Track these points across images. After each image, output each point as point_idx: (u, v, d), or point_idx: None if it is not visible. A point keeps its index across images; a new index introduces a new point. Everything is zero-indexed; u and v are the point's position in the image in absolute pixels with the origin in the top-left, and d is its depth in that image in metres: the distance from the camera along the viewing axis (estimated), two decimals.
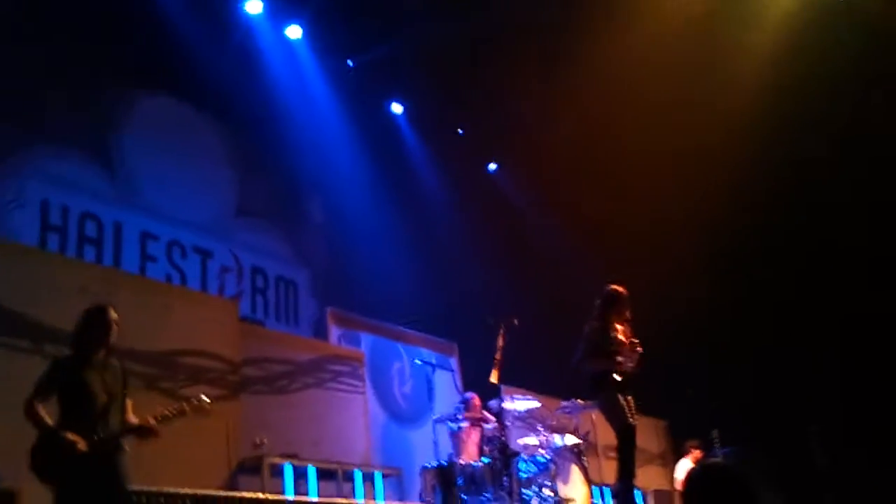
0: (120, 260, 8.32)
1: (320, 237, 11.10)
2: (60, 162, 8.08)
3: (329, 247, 11.01)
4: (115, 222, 8.43)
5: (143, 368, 6.17)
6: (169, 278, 8.84)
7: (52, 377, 4.86)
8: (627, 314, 7.11)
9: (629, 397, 6.86)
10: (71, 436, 4.63)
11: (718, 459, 8.93)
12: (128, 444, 4.79)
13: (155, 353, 6.37)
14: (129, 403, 5.02)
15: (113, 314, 5.05)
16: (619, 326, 7.00)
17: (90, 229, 8.18)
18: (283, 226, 10.69)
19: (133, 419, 4.94)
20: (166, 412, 4.97)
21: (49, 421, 4.69)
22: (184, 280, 9.01)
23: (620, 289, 7.19)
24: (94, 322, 5.04)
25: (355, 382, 8.61)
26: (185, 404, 5.07)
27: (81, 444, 4.63)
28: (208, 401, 5.08)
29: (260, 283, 10.13)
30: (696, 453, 10.53)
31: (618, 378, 6.83)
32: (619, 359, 6.86)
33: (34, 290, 5.93)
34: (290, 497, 4.81)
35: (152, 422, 4.91)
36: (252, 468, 6.64)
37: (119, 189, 8.63)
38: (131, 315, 6.18)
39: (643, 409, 7.08)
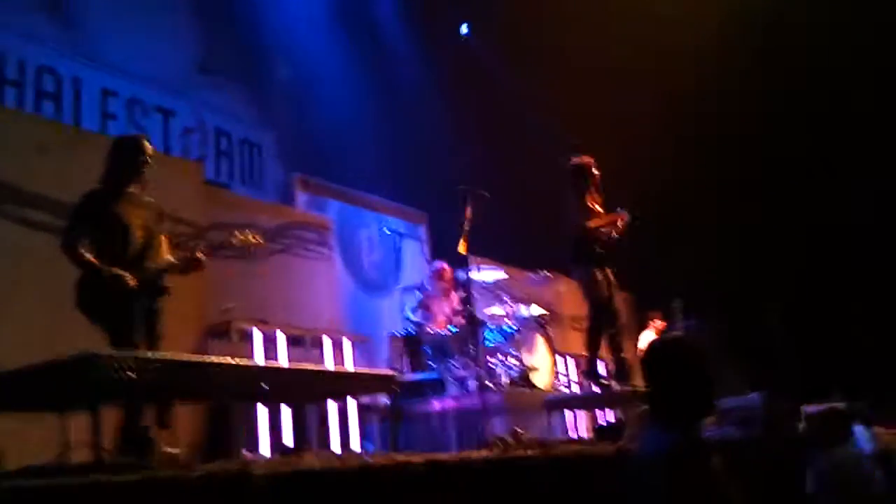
0: (80, 117, 8.00)
1: (287, 99, 10.77)
2: (9, 9, 7.62)
3: (296, 110, 10.70)
4: (74, 77, 8.04)
5: None
6: None
7: (85, 211, 4.63)
8: (597, 184, 7.04)
9: (608, 270, 6.87)
10: (118, 270, 4.46)
11: (678, 332, 9.09)
12: None
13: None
14: (164, 241, 4.90)
15: (148, 146, 4.83)
16: (592, 197, 6.94)
17: (48, 84, 7.81)
18: (248, 86, 10.32)
19: (171, 258, 4.80)
20: (213, 246, 5.01)
21: (92, 258, 4.50)
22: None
23: (588, 159, 7.09)
24: (127, 152, 4.82)
25: (323, 249, 8.52)
26: (234, 236, 5.02)
27: (130, 279, 4.47)
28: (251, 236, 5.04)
29: (224, 145, 9.86)
30: (659, 324, 10.73)
31: (597, 250, 6.82)
32: (598, 230, 6.83)
33: None
34: (261, 363, 4.78)
35: (200, 255, 4.81)
36: (220, 333, 6.60)
37: (76, 41, 8.19)
38: (93, 175, 5.99)
39: None
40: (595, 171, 7.03)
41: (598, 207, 6.93)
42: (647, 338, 10.61)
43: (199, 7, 9.67)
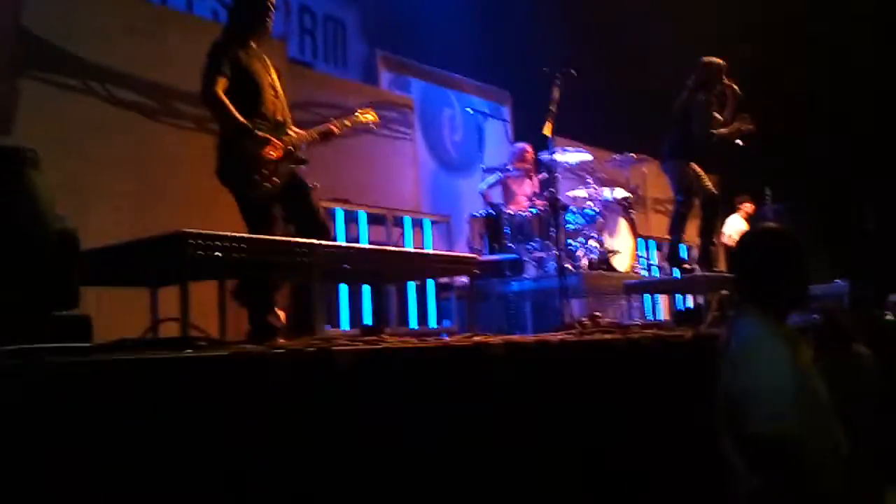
0: None
1: None
2: None
3: None
4: None
5: (191, 109, 6.10)
6: (216, 14, 8.57)
7: (221, 60, 4.28)
8: (724, 87, 6.93)
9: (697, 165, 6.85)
10: (264, 134, 4.26)
11: (771, 222, 8.87)
12: None
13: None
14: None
15: None
16: (715, 100, 6.85)
17: None
18: None
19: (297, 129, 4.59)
20: (344, 121, 4.79)
21: (237, 114, 4.19)
22: None
23: (711, 61, 6.94)
24: (251, 1, 4.56)
25: (405, 129, 8.52)
26: (356, 115, 4.90)
27: (277, 149, 4.31)
28: (372, 115, 4.96)
29: (308, 22, 9.79)
30: (747, 208, 10.51)
31: (693, 148, 6.83)
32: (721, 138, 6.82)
33: (80, 27, 5.74)
34: (344, 244, 4.86)
35: (335, 128, 4.68)
36: None
37: None
38: (180, 54, 6.06)
39: None
40: (724, 77, 6.92)
41: (717, 115, 6.86)
42: (733, 222, 10.42)
43: None
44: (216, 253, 3.48)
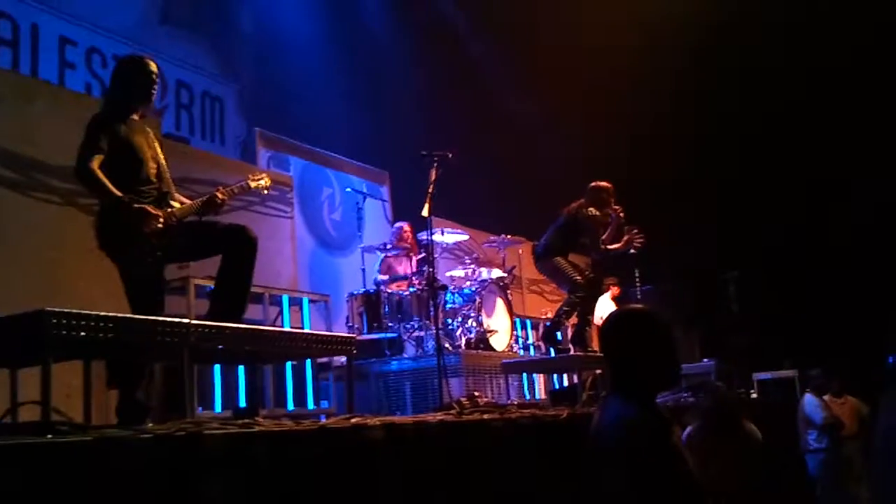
0: (38, 66, 7.83)
1: (249, 53, 10.60)
2: None
3: (258, 64, 10.54)
4: (32, 24, 7.86)
5: (61, 184, 5.90)
6: (88, 88, 8.40)
7: (99, 133, 4.16)
8: (612, 210, 7.27)
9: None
10: (140, 206, 4.13)
11: (638, 304, 9.17)
12: None
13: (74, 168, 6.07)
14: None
15: (154, 66, 4.44)
16: (598, 214, 7.17)
17: (4, 30, 7.62)
18: (210, 38, 10.15)
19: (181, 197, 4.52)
20: (232, 188, 4.68)
21: (114, 188, 4.08)
22: (104, 90, 8.55)
23: (598, 185, 7.29)
24: (134, 73, 4.41)
25: (283, 207, 8.44)
26: (247, 180, 4.82)
27: (159, 219, 4.18)
28: (266, 180, 4.91)
29: (185, 98, 9.70)
30: (615, 290, 10.78)
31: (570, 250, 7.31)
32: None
33: None
34: (217, 323, 4.70)
35: (221, 195, 4.53)
36: (178, 289, 6.51)
37: None
38: (49, 127, 5.87)
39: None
40: (612, 199, 7.28)
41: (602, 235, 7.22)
42: (602, 303, 10.67)
43: None
44: (80, 332, 3.33)
